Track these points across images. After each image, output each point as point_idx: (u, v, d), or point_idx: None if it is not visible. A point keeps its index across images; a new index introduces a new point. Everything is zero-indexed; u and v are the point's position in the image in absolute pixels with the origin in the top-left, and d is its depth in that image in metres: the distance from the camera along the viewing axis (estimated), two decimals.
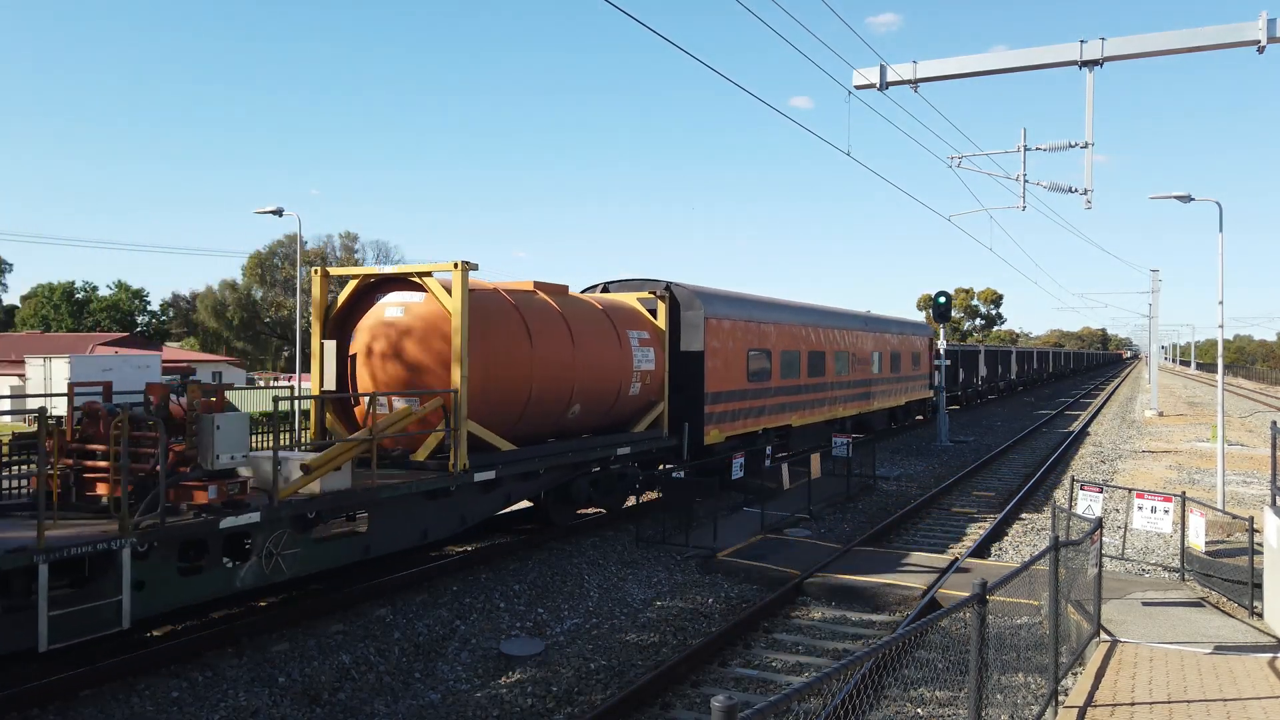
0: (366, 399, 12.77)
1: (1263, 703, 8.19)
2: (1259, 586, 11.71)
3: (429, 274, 13.48)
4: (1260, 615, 11.46)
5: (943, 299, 34.18)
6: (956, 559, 14.77)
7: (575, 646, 11.05)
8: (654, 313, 18.74)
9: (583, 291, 19.74)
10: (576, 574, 13.84)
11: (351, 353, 14.05)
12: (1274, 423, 13.36)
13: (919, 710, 9.23)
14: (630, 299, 18.95)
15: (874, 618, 12.31)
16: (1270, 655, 9.62)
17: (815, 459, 20.34)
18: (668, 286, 19.55)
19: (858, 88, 14.43)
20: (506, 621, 11.78)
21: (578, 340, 15.50)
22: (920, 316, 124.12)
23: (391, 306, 13.81)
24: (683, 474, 16.81)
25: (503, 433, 14.06)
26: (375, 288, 14.22)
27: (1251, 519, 12.81)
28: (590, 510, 17.60)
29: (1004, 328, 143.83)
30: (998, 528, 17.78)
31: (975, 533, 17.74)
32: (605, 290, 20.52)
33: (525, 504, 16.93)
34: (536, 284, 15.59)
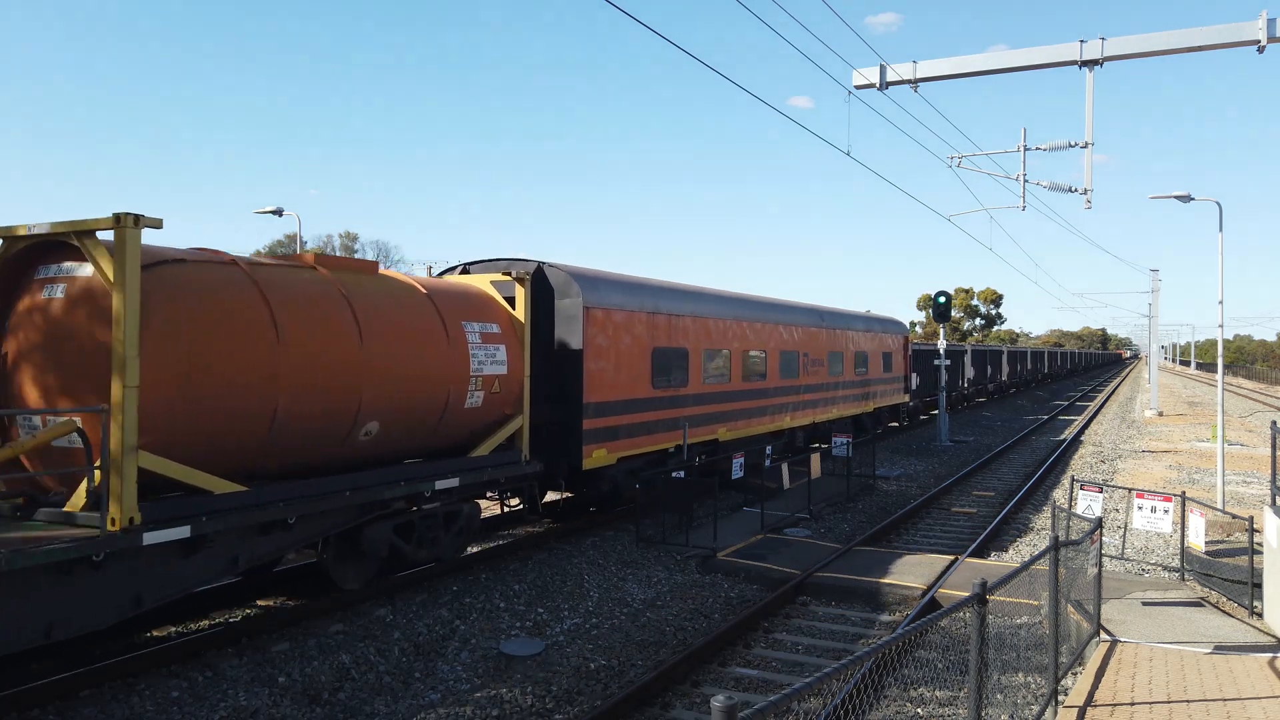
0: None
1: (1263, 703, 8.20)
2: (1259, 586, 11.71)
3: (90, 233, 9.19)
4: (1260, 615, 11.47)
5: (943, 299, 34.18)
6: (956, 559, 14.78)
7: (575, 646, 11.05)
8: (513, 301, 14.60)
9: (440, 274, 16.36)
10: (576, 574, 13.84)
11: (3, 350, 9.81)
12: (1274, 422, 13.36)
13: (919, 710, 9.23)
14: (481, 282, 14.61)
15: (874, 617, 12.32)
16: (1270, 655, 9.62)
17: (815, 459, 20.34)
18: (539, 267, 16.06)
19: (858, 87, 14.44)
20: (506, 621, 11.79)
21: (369, 334, 11.36)
22: (920, 316, 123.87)
23: (52, 283, 9.63)
24: (683, 474, 16.81)
25: (226, 467, 9.98)
26: (36, 256, 9.85)
27: (1251, 519, 12.81)
28: (408, 567, 13.07)
29: (1004, 328, 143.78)
30: (998, 528, 17.79)
31: (975, 533, 17.74)
32: (465, 272, 16.53)
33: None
34: (320, 256, 11.72)
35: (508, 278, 14.80)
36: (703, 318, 19.96)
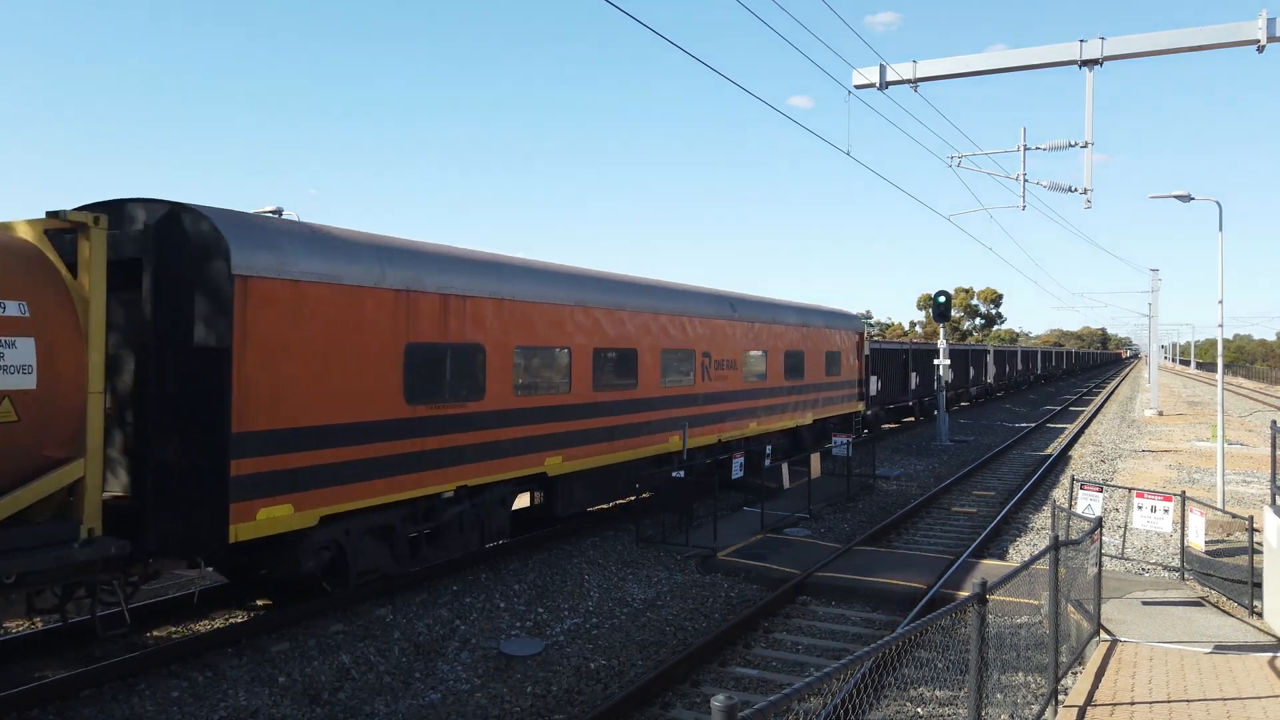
0: None
1: (1262, 702, 8.20)
2: (1259, 586, 11.71)
3: None
4: (1260, 615, 11.47)
5: (942, 298, 34.21)
6: (956, 558, 14.78)
7: (575, 646, 11.06)
8: (77, 265, 9.24)
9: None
10: (576, 574, 13.85)
11: None
12: (1274, 422, 13.36)
13: (919, 710, 9.23)
14: (23, 231, 9.40)
15: (874, 617, 12.32)
16: (1270, 655, 9.62)
17: (815, 458, 20.34)
18: (172, 209, 10.22)
19: (857, 87, 14.44)
20: (506, 621, 11.79)
21: None
22: (920, 316, 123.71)
23: None
24: (683, 474, 16.80)
25: None
26: None
27: (1251, 518, 12.82)
28: None
29: (1004, 327, 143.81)
30: (998, 527, 17.79)
31: (975, 532, 17.74)
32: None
33: None
34: None
35: (59, 224, 9.16)
36: (516, 301, 14.24)
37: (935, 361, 37.03)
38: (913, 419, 41.49)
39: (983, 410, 52.10)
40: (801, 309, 26.12)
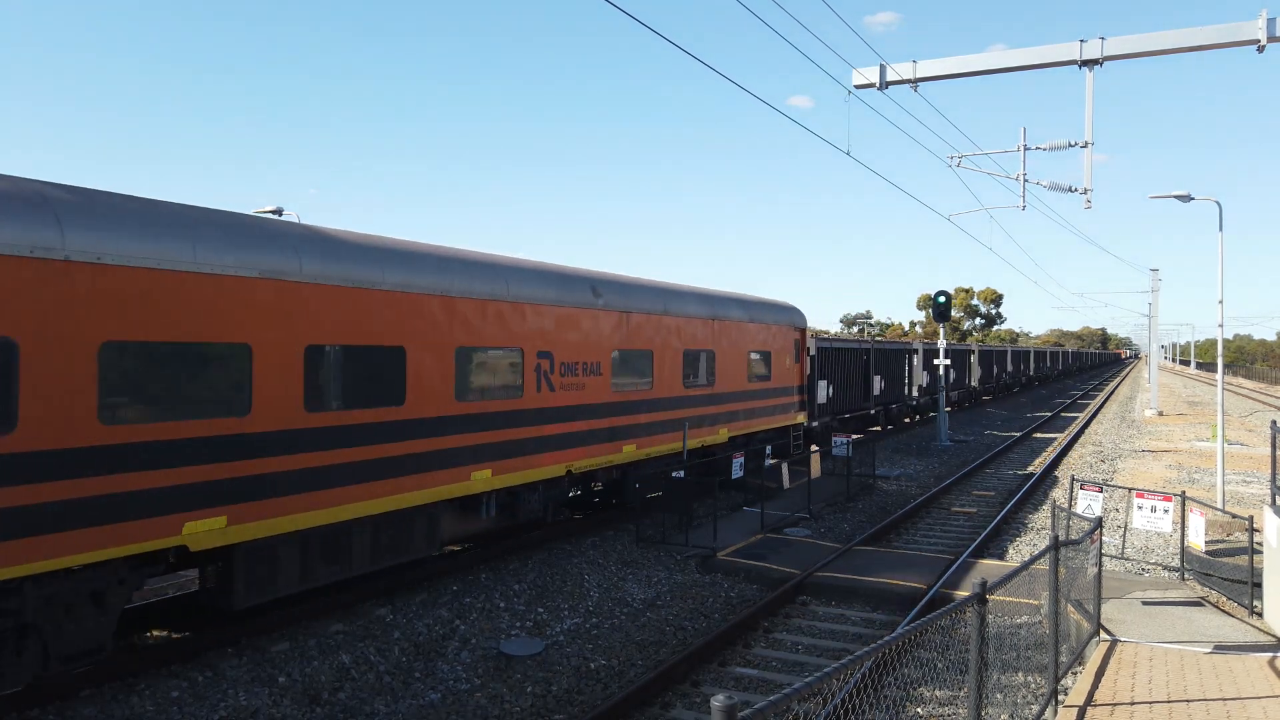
0: None
1: (1262, 702, 8.20)
2: (1259, 586, 11.72)
3: None
4: (1260, 615, 11.47)
5: (942, 299, 34.20)
6: (956, 558, 14.78)
7: (575, 646, 11.06)
8: None
9: None
10: (576, 574, 13.85)
11: None
12: (1274, 422, 13.36)
13: (919, 710, 9.24)
14: None
15: (874, 617, 12.32)
16: (1270, 655, 9.62)
17: (815, 458, 20.34)
18: None
19: (857, 87, 14.45)
20: (506, 621, 11.79)
21: None
22: (920, 316, 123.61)
23: None
24: (682, 473, 16.80)
25: None
26: None
27: (1251, 518, 12.81)
28: None
29: (1004, 327, 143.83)
30: (997, 527, 17.79)
31: (975, 532, 17.74)
32: None
33: None
34: None
35: None
36: (111, 268, 8.62)
37: (936, 362, 37.01)
38: (879, 428, 35.68)
39: (968, 416, 47.24)
40: (709, 297, 20.64)
